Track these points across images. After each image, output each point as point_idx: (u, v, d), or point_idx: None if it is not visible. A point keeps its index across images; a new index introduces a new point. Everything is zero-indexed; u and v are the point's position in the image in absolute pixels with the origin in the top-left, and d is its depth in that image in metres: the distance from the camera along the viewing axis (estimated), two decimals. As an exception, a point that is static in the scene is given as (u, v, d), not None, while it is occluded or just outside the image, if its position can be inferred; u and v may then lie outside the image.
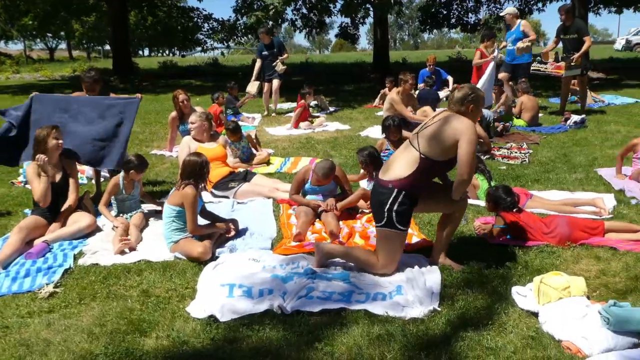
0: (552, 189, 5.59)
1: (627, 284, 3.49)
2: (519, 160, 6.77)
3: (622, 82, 16.81)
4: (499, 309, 3.23)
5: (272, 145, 8.29)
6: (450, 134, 3.46)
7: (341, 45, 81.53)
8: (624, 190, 5.36)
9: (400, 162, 3.61)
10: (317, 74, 22.84)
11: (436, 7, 24.20)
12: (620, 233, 4.21)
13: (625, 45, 41.29)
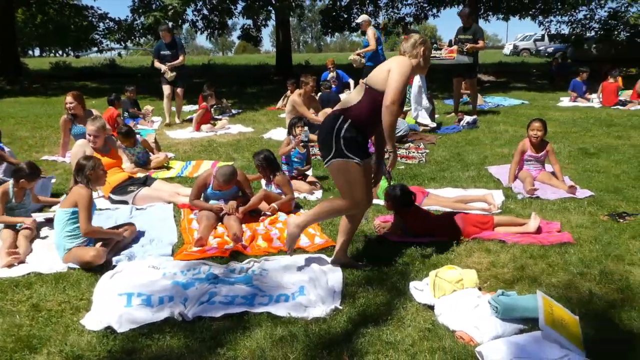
0: (447, 187, 5.85)
1: (514, 274, 3.72)
2: (416, 159, 7.04)
3: (510, 84, 17.90)
4: (398, 304, 3.33)
5: (172, 149, 8.10)
6: (386, 66, 3.58)
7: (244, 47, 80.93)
8: (512, 186, 5.72)
9: (350, 97, 3.67)
10: (220, 76, 22.55)
11: (337, 10, 24.64)
12: (507, 227, 4.48)
13: (513, 50, 43.97)
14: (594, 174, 6.24)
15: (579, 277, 3.65)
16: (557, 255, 3.98)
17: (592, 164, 6.68)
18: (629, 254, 4.00)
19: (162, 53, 10.38)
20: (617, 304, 3.30)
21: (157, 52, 10.56)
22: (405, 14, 25.57)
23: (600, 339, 2.92)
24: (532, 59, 36.33)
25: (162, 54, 10.40)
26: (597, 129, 9.21)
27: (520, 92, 15.48)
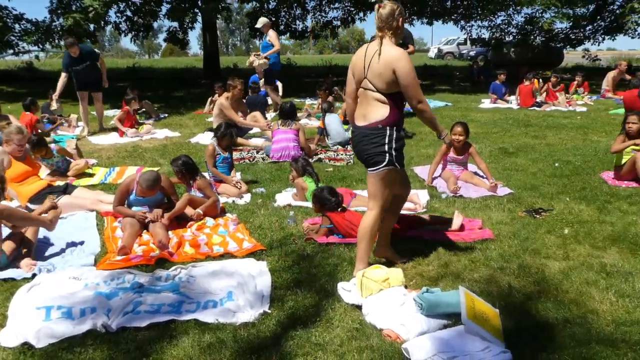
0: (374, 188, 5.94)
1: (438, 271, 3.83)
2: (344, 161, 7.12)
3: (435, 87, 18.42)
4: (326, 305, 3.36)
5: (95, 155, 7.83)
6: (387, 67, 3.42)
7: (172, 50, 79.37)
8: (436, 186, 5.90)
9: (371, 106, 3.56)
10: (146, 80, 22.00)
11: (264, 13, 24.58)
12: (432, 225, 4.61)
13: (437, 54, 45.31)
14: (513, 172, 6.52)
15: (499, 272, 3.80)
16: (478, 252, 4.12)
17: (511, 163, 6.98)
18: (545, 248, 4.20)
19: (75, 69, 9.72)
20: (534, 296, 3.45)
21: (67, 67, 9.76)
22: (333, 18, 25.82)
23: (519, 330, 3.05)
24: (455, 62, 37.60)
25: (74, 70, 9.73)
26: (515, 130, 9.63)
27: (444, 95, 15.96)
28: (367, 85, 3.57)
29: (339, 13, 25.84)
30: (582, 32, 26.76)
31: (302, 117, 10.84)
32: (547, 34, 24.28)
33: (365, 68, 3.55)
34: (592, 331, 3.02)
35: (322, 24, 25.46)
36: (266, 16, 24.60)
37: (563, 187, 5.82)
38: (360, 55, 3.61)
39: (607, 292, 3.45)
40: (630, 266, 3.84)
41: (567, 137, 8.90)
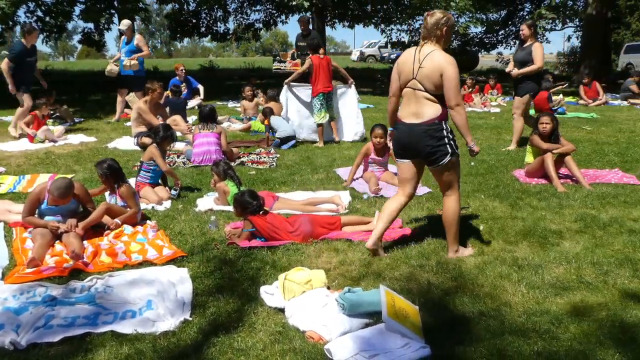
0: (297, 190, 5.97)
1: (360, 270, 3.88)
2: (267, 164, 7.10)
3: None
4: (249, 309, 3.33)
5: (3, 163, 7.41)
6: (436, 70, 3.82)
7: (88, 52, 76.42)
8: (353, 187, 6.00)
9: (423, 105, 3.94)
10: (60, 83, 21.05)
11: (184, 15, 24.13)
12: (354, 226, 4.67)
13: (360, 57, 46.07)
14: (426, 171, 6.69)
15: (418, 269, 3.90)
16: (399, 250, 4.21)
17: (430, 163, 7.17)
18: (464, 244, 4.34)
19: (28, 60, 9.29)
20: (451, 291, 3.56)
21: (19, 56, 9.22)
22: (255, 20, 25.72)
23: (438, 325, 3.13)
24: (377, 64, 38.34)
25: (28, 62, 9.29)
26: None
27: (366, 97, 16.22)
28: (416, 86, 3.95)
29: (261, 15, 25.78)
30: (495, 36, 28.04)
31: (223, 120, 10.72)
32: (463, 38, 25.24)
33: (414, 70, 3.93)
34: (505, 323, 3.15)
35: (244, 26, 25.32)
36: (186, 18, 24.26)
37: (478, 185, 6.05)
38: (409, 58, 3.99)
39: (519, 285, 3.61)
40: (539, 259, 4.03)
41: (482, 137, 9.27)
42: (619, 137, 9.15)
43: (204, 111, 7.52)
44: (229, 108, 13.63)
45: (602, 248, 4.23)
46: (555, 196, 5.58)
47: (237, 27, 25.71)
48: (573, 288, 3.57)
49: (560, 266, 3.91)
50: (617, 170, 6.66)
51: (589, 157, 7.58)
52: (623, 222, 4.78)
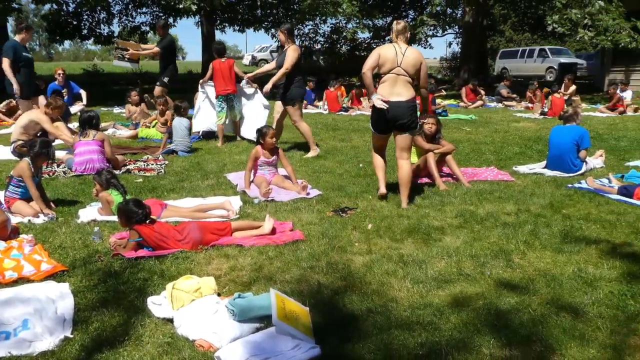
0: (187, 197, 5.85)
1: (251, 275, 3.87)
2: (155, 172, 6.89)
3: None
4: (136, 322, 3.21)
5: None
6: (419, 60, 5.34)
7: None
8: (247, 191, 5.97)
9: (405, 87, 5.30)
10: None
11: (64, 16, 22.90)
12: (245, 230, 4.65)
13: (252, 61, 45.92)
14: (322, 174, 6.84)
15: (309, 271, 3.95)
16: (290, 253, 4.24)
17: (320, 166, 7.31)
18: (350, 244, 4.46)
19: (28, 57, 8.81)
20: (341, 291, 3.64)
21: (18, 55, 8.59)
22: (141, 23, 24.94)
23: (328, 324, 3.19)
24: (269, 69, 38.34)
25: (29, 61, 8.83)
26: (324, 134, 10.11)
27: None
28: (399, 72, 5.26)
29: (148, 18, 25.05)
30: (382, 41, 29.03)
31: (108, 126, 10.29)
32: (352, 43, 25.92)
33: (398, 60, 5.24)
34: (391, 318, 3.26)
35: (130, 28, 24.46)
36: (66, 20, 23.03)
37: (367, 186, 6.23)
38: (390, 50, 5.28)
39: (404, 280, 3.76)
40: (423, 255, 4.22)
41: (370, 139, 9.50)
42: (495, 137, 9.79)
43: (83, 117, 7.16)
44: (114, 114, 13.11)
45: (479, 241, 4.51)
46: (437, 194, 5.87)
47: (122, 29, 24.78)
48: (454, 280, 3.77)
49: (442, 260, 4.11)
50: (492, 168, 7.13)
51: (468, 156, 8.05)
52: (498, 216, 5.12)
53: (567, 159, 6.79)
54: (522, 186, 6.23)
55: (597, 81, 21.43)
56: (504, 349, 2.93)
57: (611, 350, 2.91)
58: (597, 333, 3.08)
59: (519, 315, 3.27)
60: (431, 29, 20.53)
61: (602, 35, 16.03)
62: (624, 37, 15.76)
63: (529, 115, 13.39)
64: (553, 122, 9.96)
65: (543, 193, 5.88)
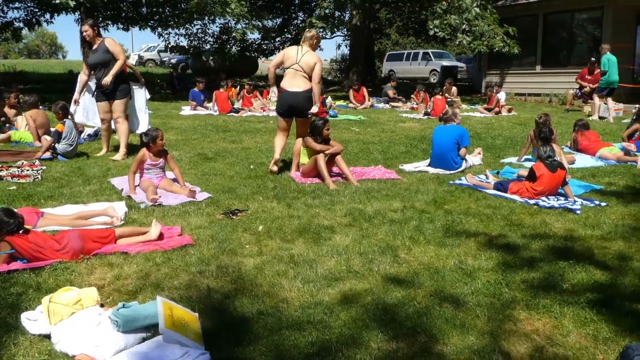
0: (67, 204, 5.51)
1: (137, 283, 3.72)
2: (30, 178, 6.44)
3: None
4: (8, 341, 2.97)
5: None
6: (313, 59, 6.70)
7: None
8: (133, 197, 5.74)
9: (302, 80, 6.68)
10: None
11: None
12: (130, 237, 4.46)
13: (138, 61, 44.30)
14: (212, 176, 6.72)
15: (198, 276, 3.86)
16: (178, 258, 4.13)
17: (210, 168, 7.19)
18: (241, 246, 4.41)
19: None
20: (231, 294, 3.59)
21: None
22: (14, 19, 23.20)
23: (219, 329, 3.13)
24: (157, 69, 37.27)
25: None
26: (214, 135, 9.95)
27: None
28: (297, 68, 6.66)
29: (22, 14, 23.37)
30: (273, 42, 29.09)
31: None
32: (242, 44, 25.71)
33: (297, 59, 6.69)
34: (282, 318, 3.26)
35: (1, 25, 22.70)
36: None
37: (257, 187, 6.20)
38: (293, 51, 6.82)
39: (295, 280, 3.77)
40: (314, 254, 4.26)
41: (261, 140, 9.54)
42: (382, 137, 10.12)
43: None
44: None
45: (368, 239, 4.62)
46: (327, 194, 5.96)
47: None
48: (343, 278, 3.84)
49: (332, 259, 4.18)
50: (380, 167, 7.35)
51: (356, 156, 8.25)
52: (385, 214, 5.28)
53: (449, 157, 7.15)
54: (408, 184, 6.48)
55: (475, 83, 22.78)
56: (391, 342, 3.02)
57: (488, 336, 3.09)
58: (476, 321, 3.26)
59: (404, 309, 3.39)
60: (320, 31, 20.82)
61: (478, 40, 17.09)
62: (497, 42, 16.91)
63: (414, 115, 13.96)
64: (436, 122, 10.45)
65: (427, 190, 6.15)
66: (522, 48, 17.38)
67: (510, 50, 16.90)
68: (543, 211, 5.44)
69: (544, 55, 18.75)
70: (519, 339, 3.07)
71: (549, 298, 3.55)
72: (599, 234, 4.80)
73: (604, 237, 4.73)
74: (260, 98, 14.96)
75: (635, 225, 5.02)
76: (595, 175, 7.06)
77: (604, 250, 4.41)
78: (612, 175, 6.99)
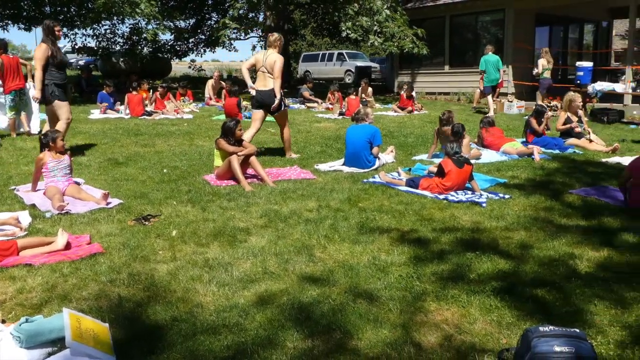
0: (-37, 216, 5.18)
1: (42, 296, 3.55)
2: None
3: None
4: None
5: None
6: (273, 58, 7.62)
7: None
8: (37, 205, 5.47)
9: (268, 80, 7.70)
10: None
11: None
12: (34, 248, 4.25)
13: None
14: (123, 182, 6.51)
15: (109, 285, 3.74)
16: (87, 268, 3.98)
17: (122, 173, 6.96)
18: (154, 252, 4.31)
19: None
20: (144, 302, 3.50)
21: None
22: None
23: (131, 338, 3.05)
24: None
25: None
26: (125, 139, 9.65)
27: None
28: (264, 70, 7.69)
29: None
30: (186, 44, 28.50)
31: None
32: (154, 45, 25.02)
33: (264, 61, 7.69)
34: (197, 324, 3.22)
35: None
36: None
37: (171, 191, 6.07)
38: (260, 55, 7.83)
39: (210, 285, 3.73)
40: (229, 257, 4.23)
41: (175, 143, 9.34)
42: (298, 137, 10.16)
43: None
44: None
45: (283, 239, 4.64)
46: (243, 196, 5.92)
47: None
48: (259, 279, 3.84)
49: (248, 261, 4.16)
50: (295, 167, 7.39)
51: (272, 157, 8.25)
52: (301, 214, 5.32)
53: (362, 156, 7.29)
54: (323, 183, 6.55)
55: (388, 83, 23.33)
56: (306, 341, 3.05)
57: (400, 329, 3.19)
58: (389, 314, 3.35)
59: (320, 307, 3.43)
60: (234, 32, 20.62)
61: (389, 41, 17.53)
62: (407, 43, 17.41)
63: (329, 115, 14.11)
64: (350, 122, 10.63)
65: (342, 189, 6.25)
66: (431, 49, 17.99)
67: (419, 51, 17.46)
68: (452, 205, 5.66)
69: (452, 56, 19.49)
70: (429, 329, 3.19)
71: (457, 288, 3.70)
72: (503, 225, 5.05)
73: (507, 227, 4.99)
74: (174, 100, 14.63)
75: (535, 216, 5.33)
76: (500, 169, 7.43)
77: (507, 240, 4.65)
78: (515, 169, 7.38)
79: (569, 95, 9.82)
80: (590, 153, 8.70)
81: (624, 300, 3.55)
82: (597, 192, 6.16)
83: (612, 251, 4.41)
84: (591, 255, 4.32)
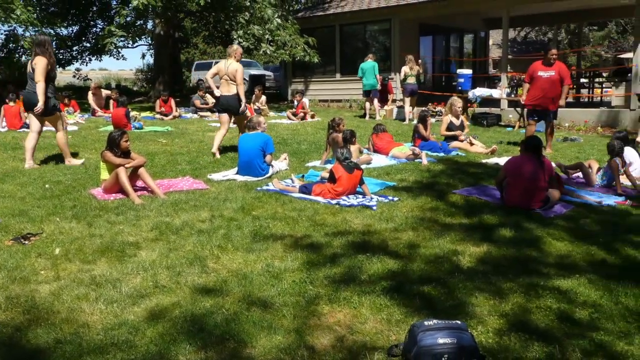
0: None
1: None
2: None
3: None
4: None
5: None
6: (234, 67, 8.64)
7: None
8: None
9: (231, 86, 8.70)
10: None
11: None
12: None
13: None
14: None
15: (-18, 311, 3.48)
16: (-42, 294, 3.68)
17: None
18: (35, 273, 4.07)
19: None
20: (23, 326, 3.30)
21: None
22: None
23: (8, 367, 2.86)
24: None
25: None
26: (2, 154, 9.03)
27: None
28: (227, 78, 8.64)
29: None
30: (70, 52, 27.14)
31: None
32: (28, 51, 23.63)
33: (226, 69, 8.65)
34: (83, 344, 3.08)
35: None
36: None
37: (54, 208, 5.75)
38: (222, 64, 8.76)
39: (97, 303, 3.58)
40: (118, 273, 4.08)
41: (58, 157, 8.84)
42: (191, 147, 9.99)
43: None
44: None
45: (175, 252, 4.55)
46: (132, 209, 5.72)
47: None
48: (150, 294, 3.74)
49: (137, 276, 4.04)
50: (188, 178, 7.26)
51: (164, 167, 8.04)
52: (193, 225, 5.24)
53: (255, 164, 7.30)
54: (216, 193, 6.48)
55: (282, 91, 23.50)
56: (199, 352, 3.02)
57: (294, 333, 3.23)
58: (283, 320, 3.38)
59: (213, 317, 3.40)
60: (121, 40, 19.90)
61: (281, 50, 17.70)
62: (299, 51, 17.67)
63: (223, 124, 13.97)
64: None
65: (235, 198, 6.21)
66: (323, 57, 18.35)
67: (310, 59, 17.76)
68: (344, 210, 5.81)
69: (342, 64, 19.98)
70: (322, 332, 3.26)
71: (349, 290, 3.81)
72: (392, 226, 5.25)
73: (396, 229, 5.19)
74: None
75: (422, 216, 5.59)
76: (389, 173, 7.71)
77: (396, 241, 4.85)
78: (403, 172, 7.69)
79: (450, 100, 10.44)
80: (471, 155, 9.26)
81: (501, 291, 3.82)
82: (477, 192, 6.57)
83: (491, 246, 4.73)
84: (472, 251, 4.60)
